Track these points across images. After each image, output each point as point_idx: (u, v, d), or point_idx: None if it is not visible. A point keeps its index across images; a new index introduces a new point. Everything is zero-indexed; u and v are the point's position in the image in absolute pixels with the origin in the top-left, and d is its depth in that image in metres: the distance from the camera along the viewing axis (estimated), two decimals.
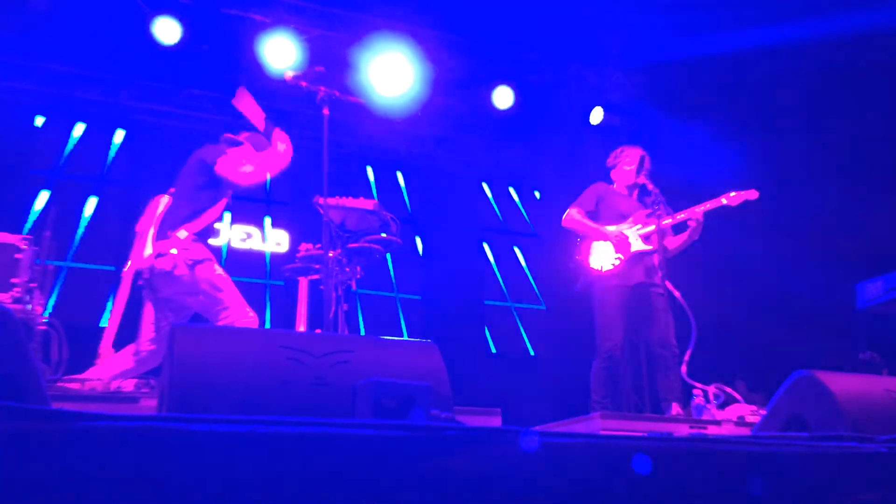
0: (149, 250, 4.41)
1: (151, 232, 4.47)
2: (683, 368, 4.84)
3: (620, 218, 5.21)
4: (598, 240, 5.17)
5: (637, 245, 5.10)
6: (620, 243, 5.10)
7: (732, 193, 5.07)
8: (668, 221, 5.06)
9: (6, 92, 6.76)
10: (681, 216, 5.08)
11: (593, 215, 5.26)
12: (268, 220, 7.85)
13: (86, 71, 7.01)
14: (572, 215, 5.27)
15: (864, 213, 6.84)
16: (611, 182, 5.46)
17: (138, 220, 4.67)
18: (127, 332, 4.49)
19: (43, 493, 1.21)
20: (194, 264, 4.33)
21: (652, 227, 5.05)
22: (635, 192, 5.36)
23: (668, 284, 4.93)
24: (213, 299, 4.34)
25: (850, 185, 6.90)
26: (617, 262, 5.06)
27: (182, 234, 4.35)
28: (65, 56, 6.81)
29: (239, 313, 4.33)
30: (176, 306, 4.41)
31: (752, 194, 5.07)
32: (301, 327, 5.18)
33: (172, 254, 4.28)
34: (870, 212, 6.81)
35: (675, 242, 5.15)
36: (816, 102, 6.94)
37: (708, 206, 5.06)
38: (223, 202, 4.56)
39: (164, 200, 4.59)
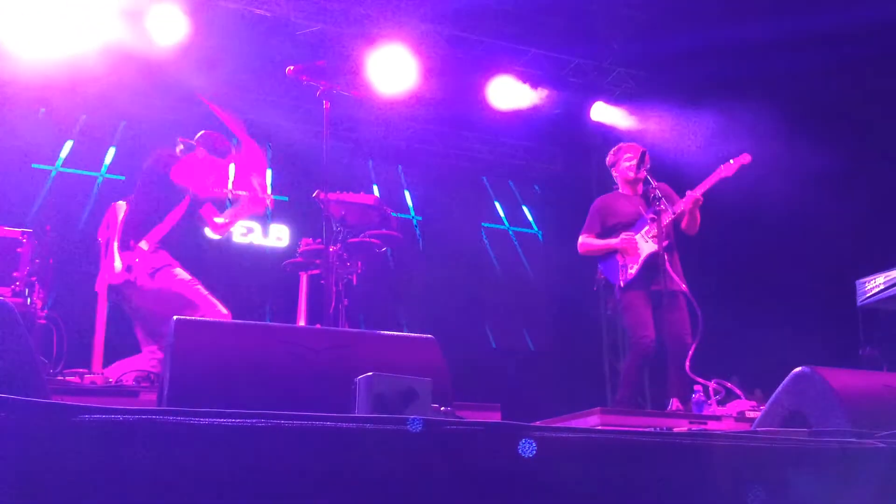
0: (118, 263, 4.44)
1: (116, 245, 4.49)
2: (687, 363, 4.84)
3: (627, 226, 5.21)
4: (611, 254, 5.18)
5: (647, 248, 5.09)
6: (631, 251, 5.11)
7: (726, 165, 5.08)
8: (668, 220, 5.05)
9: (9, 85, 6.75)
10: (680, 207, 5.07)
11: (602, 235, 5.28)
12: (268, 215, 7.84)
13: (88, 63, 7.00)
14: (583, 241, 5.31)
15: (863, 208, 6.83)
16: (613, 185, 5.46)
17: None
18: (117, 344, 4.54)
19: (42, 486, 1.22)
20: (154, 272, 4.39)
21: (658, 233, 5.04)
22: (639, 188, 5.34)
23: (675, 277, 4.93)
24: (180, 303, 4.35)
25: (851, 181, 6.89)
26: (633, 272, 5.08)
27: (144, 245, 4.42)
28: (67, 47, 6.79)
29: (209, 312, 4.36)
30: (146, 314, 4.45)
31: (746, 158, 5.07)
32: (301, 322, 5.19)
33: (135, 264, 4.36)
34: (869, 208, 6.81)
35: (684, 222, 5.16)
36: (819, 98, 6.93)
37: (705, 186, 5.07)
38: (182, 206, 4.57)
39: (122, 207, 4.60)
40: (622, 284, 5.12)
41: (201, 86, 7.42)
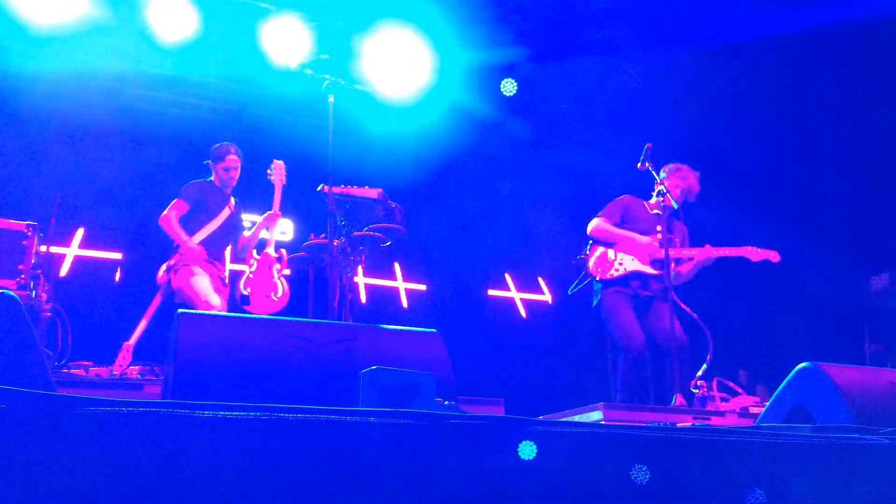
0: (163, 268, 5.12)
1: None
2: (702, 382, 4.86)
3: (642, 232, 5.20)
4: (609, 246, 5.15)
5: (641, 266, 5.08)
6: (637, 253, 5.10)
7: (755, 249, 5.11)
8: (683, 254, 5.09)
9: (15, 78, 6.75)
10: (692, 253, 5.08)
11: (618, 227, 5.25)
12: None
13: (91, 57, 7.00)
14: (598, 224, 5.24)
15: (872, 206, 6.81)
16: (651, 192, 5.48)
17: (144, 209, 5.15)
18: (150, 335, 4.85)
19: (47, 477, 1.22)
20: (169, 269, 4.98)
21: (663, 254, 5.06)
22: (665, 213, 5.32)
23: (676, 298, 4.92)
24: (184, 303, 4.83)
25: (860, 178, 6.87)
26: (617, 274, 5.06)
27: (182, 249, 5.03)
28: (71, 41, 6.79)
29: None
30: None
31: (775, 257, 5.10)
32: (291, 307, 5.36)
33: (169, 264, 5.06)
34: (878, 205, 6.79)
35: (685, 268, 5.17)
36: (828, 93, 6.90)
37: (725, 252, 5.07)
38: (216, 219, 5.24)
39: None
40: (598, 279, 5.11)
41: (207, 80, 7.42)
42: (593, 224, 5.26)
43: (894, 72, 6.50)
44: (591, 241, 5.29)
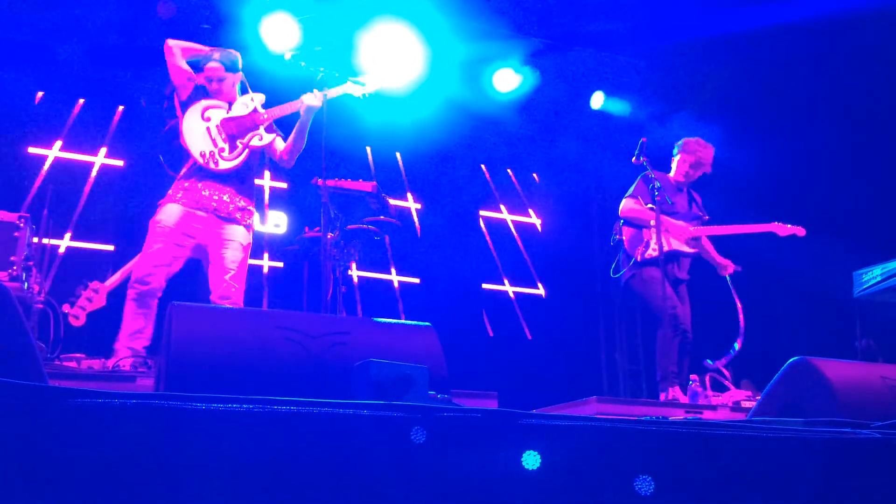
0: None
1: None
2: (694, 377, 4.92)
3: (670, 214, 5.25)
4: (649, 228, 5.18)
5: (677, 245, 5.14)
6: (674, 234, 5.17)
7: (782, 225, 5.30)
8: (711, 231, 5.24)
9: (5, 68, 6.72)
10: (723, 230, 5.22)
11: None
12: (266, 201, 7.83)
13: (86, 48, 6.96)
14: (630, 205, 5.27)
15: (861, 200, 6.83)
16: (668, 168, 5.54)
17: (137, 198, 5.01)
18: None
19: (38, 469, 1.22)
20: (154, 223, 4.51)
21: (698, 235, 5.19)
22: (685, 189, 5.42)
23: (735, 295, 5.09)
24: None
25: (848, 172, 6.89)
26: (654, 253, 5.10)
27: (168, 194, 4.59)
28: (66, 33, 6.76)
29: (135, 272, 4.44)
30: None
31: (801, 231, 5.37)
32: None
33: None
34: (867, 199, 6.81)
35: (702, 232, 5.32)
36: (816, 87, 6.91)
37: (755, 228, 5.23)
38: (185, 168, 4.63)
39: None
40: (639, 259, 5.16)
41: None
42: (625, 204, 5.30)
43: (884, 64, 6.51)
44: (622, 222, 5.32)
